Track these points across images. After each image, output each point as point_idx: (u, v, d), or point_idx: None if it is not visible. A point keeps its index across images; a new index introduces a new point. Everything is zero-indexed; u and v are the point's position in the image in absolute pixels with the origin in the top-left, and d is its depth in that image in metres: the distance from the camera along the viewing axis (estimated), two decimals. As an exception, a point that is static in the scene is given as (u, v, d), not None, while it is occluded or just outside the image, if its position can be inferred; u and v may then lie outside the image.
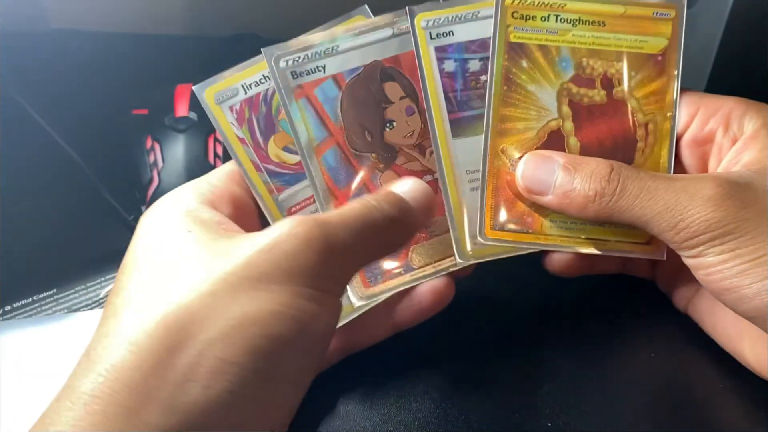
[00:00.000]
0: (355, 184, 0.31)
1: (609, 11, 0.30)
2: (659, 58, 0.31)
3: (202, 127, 0.40)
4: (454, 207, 0.30)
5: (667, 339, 0.33)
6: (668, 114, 0.31)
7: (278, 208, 0.30)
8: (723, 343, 0.31)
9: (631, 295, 0.35)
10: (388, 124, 0.31)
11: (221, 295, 0.22)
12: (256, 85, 0.30)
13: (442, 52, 0.30)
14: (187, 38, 0.52)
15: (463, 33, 0.30)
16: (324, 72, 0.30)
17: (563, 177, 0.29)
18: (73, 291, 0.35)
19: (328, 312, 0.24)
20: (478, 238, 0.30)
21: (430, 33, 0.30)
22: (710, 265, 0.26)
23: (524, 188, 0.30)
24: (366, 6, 0.31)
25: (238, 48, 0.49)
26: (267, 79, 0.30)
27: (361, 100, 0.30)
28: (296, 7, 0.50)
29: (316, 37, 0.30)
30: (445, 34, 0.30)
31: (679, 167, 0.31)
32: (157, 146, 0.40)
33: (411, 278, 0.30)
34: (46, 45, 0.49)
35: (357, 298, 0.30)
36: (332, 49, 0.30)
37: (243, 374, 0.21)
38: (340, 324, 0.30)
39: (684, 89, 0.31)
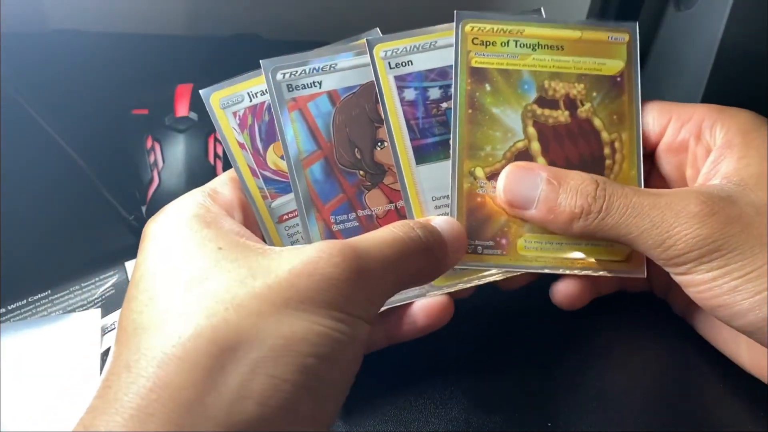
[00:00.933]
0: (339, 200, 0.31)
1: (566, 36, 0.31)
2: (618, 79, 0.31)
3: (202, 127, 0.40)
4: None
5: (666, 339, 0.33)
6: (633, 131, 0.31)
7: (270, 214, 0.31)
8: (720, 347, 0.31)
9: (630, 296, 0.35)
10: (379, 144, 0.31)
11: (267, 314, 0.22)
12: (261, 94, 0.31)
13: (401, 81, 0.31)
14: (188, 38, 0.52)
15: (422, 62, 0.31)
16: (320, 87, 0.31)
17: (548, 191, 0.28)
18: (68, 291, 0.35)
19: (362, 335, 0.24)
20: None
21: (389, 63, 0.31)
22: (700, 282, 0.26)
23: (506, 202, 0.30)
24: (377, 29, 0.31)
25: (239, 48, 0.50)
26: None
27: (355, 118, 0.31)
28: (297, 8, 0.50)
29: (315, 53, 0.31)
30: (404, 64, 0.31)
31: (658, 176, 0.32)
32: (157, 146, 0.40)
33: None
34: (46, 45, 0.49)
35: None
36: (330, 67, 0.31)
37: (295, 391, 0.21)
38: None
39: (652, 100, 0.31)
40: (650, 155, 0.32)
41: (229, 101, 0.31)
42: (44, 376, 0.31)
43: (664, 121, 0.31)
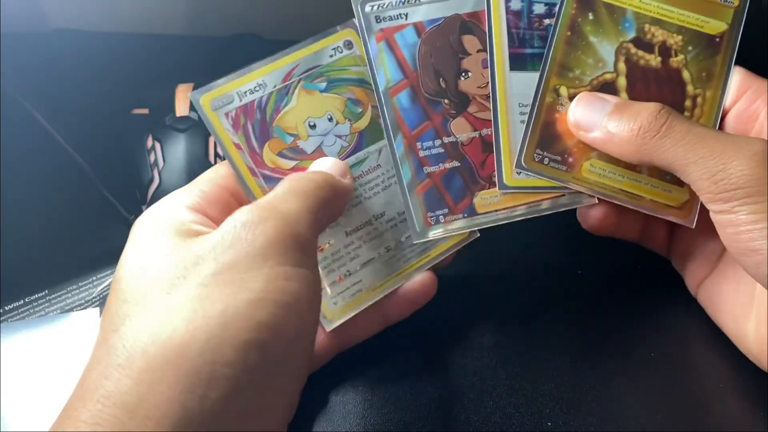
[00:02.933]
0: (425, 127, 0.32)
1: None
2: (717, 39, 0.32)
3: (202, 126, 0.40)
4: (502, 136, 0.32)
5: (667, 339, 0.33)
6: (717, 92, 0.32)
7: None
8: (727, 326, 0.31)
9: (631, 296, 0.35)
10: (463, 74, 0.32)
11: (198, 298, 0.22)
12: (251, 93, 0.31)
13: None
14: (187, 38, 0.52)
15: None
16: (406, 19, 0.32)
17: (612, 114, 0.29)
18: (65, 291, 0.35)
19: (308, 288, 0.24)
20: (516, 166, 0.31)
21: None
22: (741, 223, 0.26)
23: (574, 123, 0.31)
24: (355, 20, 0.32)
25: (238, 48, 0.49)
26: (261, 87, 0.31)
27: (439, 49, 0.32)
28: (296, 7, 0.50)
29: None
30: None
31: None
32: (157, 146, 0.40)
33: (472, 222, 0.32)
34: (46, 45, 0.49)
35: (417, 235, 0.31)
36: (416, 0, 0.32)
37: (236, 375, 0.21)
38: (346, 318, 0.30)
39: (741, 68, 0.32)
40: (720, 120, 0.32)
41: (220, 102, 0.31)
42: (44, 376, 0.31)
43: (743, 89, 0.31)
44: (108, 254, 0.37)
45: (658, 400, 0.30)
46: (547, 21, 0.32)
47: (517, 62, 0.32)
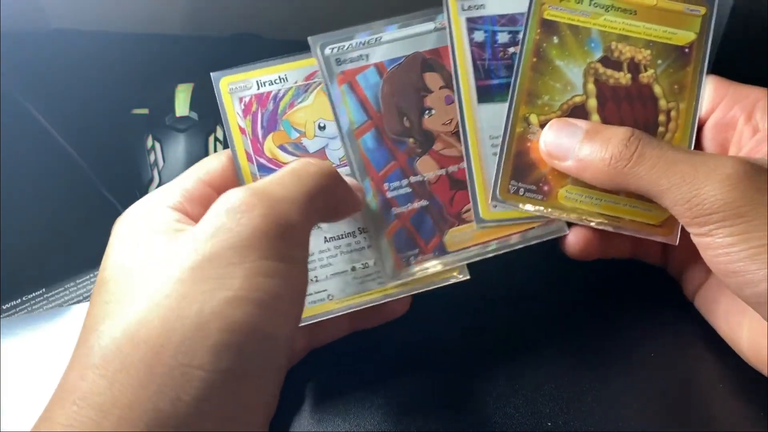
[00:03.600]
0: (391, 167, 0.31)
1: (641, 2, 0.32)
2: (686, 50, 0.32)
3: (202, 126, 0.40)
4: (475, 170, 0.31)
5: (666, 339, 0.33)
6: (691, 104, 0.31)
7: None
8: (723, 331, 0.31)
9: (631, 297, 0.35)
10: (426, 112, 0.32)
11: (175, 297, 0.21)
12: (270, 84, 0.31)
13: (472, 23, 0.32)
14: (187, 38, 0.52)
15: (494, 7, 0.32)
16: (367, 60, 0.31)
17: (584, 142, 0.29)
18: (62, 288, 0.36)
19: (292, 285, 0.23)
20: (492, 199, 0.31)
21: (462, 4, 0.32)
22: (718, 246, 0.26)
23: (546, 153, 0.30)
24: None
25: (239, 48, 0.50)
26: (282, 80, 0.31)
27: (402, 88, 0.32)
28: (296, 7, 0.50)
29: (360, 28, 0.32)
30: (476, 7, 0.32)
31: (700, 150, 0.31)
32: (157, 146, 0.40)
33: (444, 261, 0.31)
34: (46, 45, 0.49)
35: (389, 278, 0.31)
36: (375, 40, 0.31)
37: (208, 378, 0.20)
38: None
39: (712, 75, 0.31)
40: (698, 130, 0.32)
41: (238, 86, 0.31)
42: (43, 374, 0.31)
43: (718, 97, 0.31)
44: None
45: (658, 401, 0.30)
46: (511, 49, 0.31)
47: (485, 94, 0.31)
